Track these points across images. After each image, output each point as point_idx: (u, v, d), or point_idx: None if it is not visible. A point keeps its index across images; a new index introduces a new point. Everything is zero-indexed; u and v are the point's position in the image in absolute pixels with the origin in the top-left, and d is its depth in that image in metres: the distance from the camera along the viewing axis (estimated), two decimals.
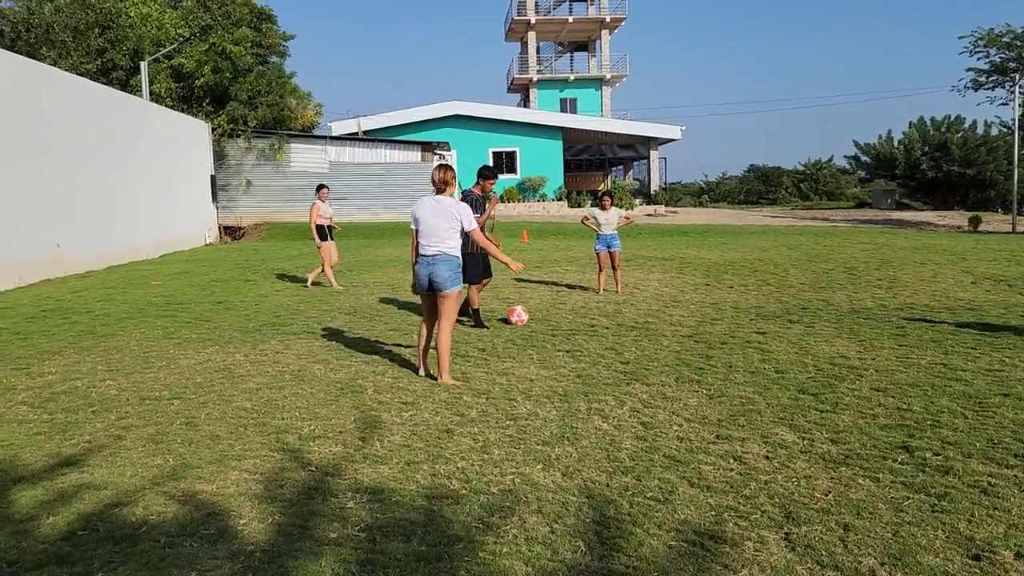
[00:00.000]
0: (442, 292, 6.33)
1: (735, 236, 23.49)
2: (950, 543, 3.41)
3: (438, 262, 6.30)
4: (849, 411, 5.37)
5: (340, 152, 29.79)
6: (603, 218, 11.57)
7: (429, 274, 6.34)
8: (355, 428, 5.15)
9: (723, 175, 59.61)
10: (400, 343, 7.96)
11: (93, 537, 3.56)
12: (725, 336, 8.11)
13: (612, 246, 11.51)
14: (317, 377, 6.56)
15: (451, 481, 4.20)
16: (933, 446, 4.62)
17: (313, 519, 3.72)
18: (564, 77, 45.63)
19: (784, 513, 3.74)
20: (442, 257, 6.31)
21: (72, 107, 16.41)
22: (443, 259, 6.31)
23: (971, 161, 40.94)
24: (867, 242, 20.78)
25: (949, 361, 6.80)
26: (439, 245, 6.31)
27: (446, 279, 6.30)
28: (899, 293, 11.08)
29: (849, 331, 8.28)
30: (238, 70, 26.16)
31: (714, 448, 4.68)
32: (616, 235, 11.57)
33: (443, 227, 6.30)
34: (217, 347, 7.88)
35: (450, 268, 6.32)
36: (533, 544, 3.45)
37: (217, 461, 4.53)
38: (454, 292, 6.35)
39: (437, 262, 6.30)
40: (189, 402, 5.82)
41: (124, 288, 13.01)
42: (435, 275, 6.31)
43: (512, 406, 5.62)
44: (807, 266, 14.71)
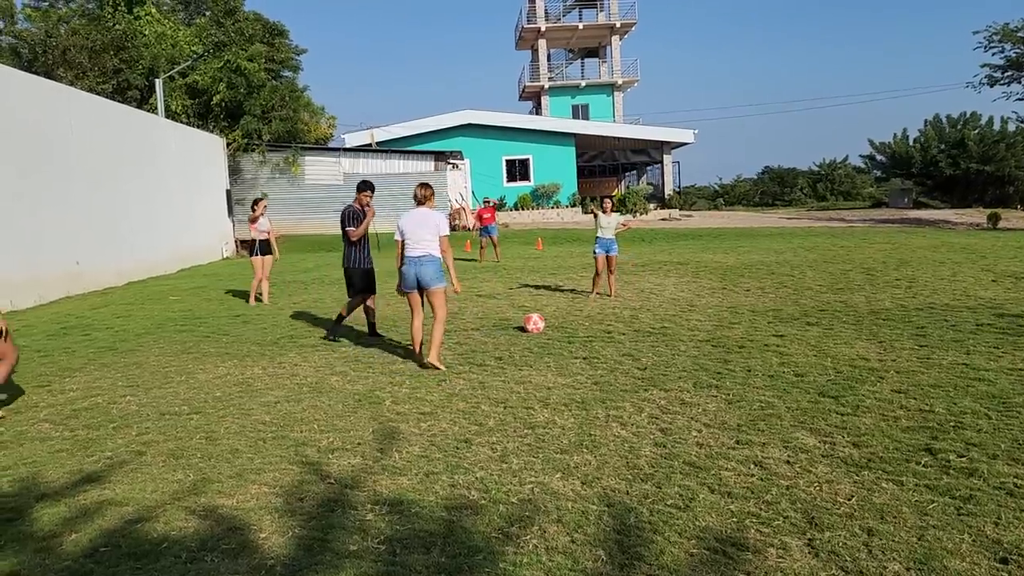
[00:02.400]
0: (430, 289, 7.29)
1: (751, 239, 23.37)
2: (977, 547, 3.36)
3: (425, 263, 7.25)
4: (870, 414, 5.31)
5: (354, 164, 29.94)
6: (603, 221, 11.66)
7: (416, 273, 7.29)
8: (373, 440, 5.16)
9: (737, 178, 59.47)
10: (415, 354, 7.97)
11: (115, 553, 3.58)
12: (743, 340, 8.06)
13: (610, 251, 11.64)
14: (335, 389, 6.58)
15: (470, 491, 4.19)
16: (957, 448, 4.57)
17: (333, 532, 3.72)
18: (575, 84, 45.65)
19: (807, 519, 3.70)
20: (428, 258, 7.26)
21: (90, 126, 16.59)
22: (429, 260, 7.26)
23: (989, 158, 40.60)
24: (884, 242, 20.61)
25: (971, 361, 6.72)
26: (426, 248, 7.26)
27: (432, 277, 7.26)
28: (918, 293, 10.98)
29: (868, 332, 8.20)
30: (252, 86, 26.38)
31: (734, 454, 4.65)
32: (614, 240, 11.70)
33: (426, 235, 7.26)
34: (235, 361, 7.93)
35: (435, 267, 7.26)
36: (553, 554, 3.44)
37: (237, 475, 4.55)
38: (440, 288, 7.28)
39: (424, 263, 7.25)
40: (208, 416, 5.85)
41: (143, 304, 13.11)
42: (422, 274, 7.26)
43: (530, 415, 5.60)
44: (824, 267, 14.61)
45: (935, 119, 45.12)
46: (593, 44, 47.66)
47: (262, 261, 12.39)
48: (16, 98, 13.94)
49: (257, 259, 12.38)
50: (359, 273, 8.97)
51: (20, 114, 13.98)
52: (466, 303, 11.53)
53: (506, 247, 22.09)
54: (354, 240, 8.87)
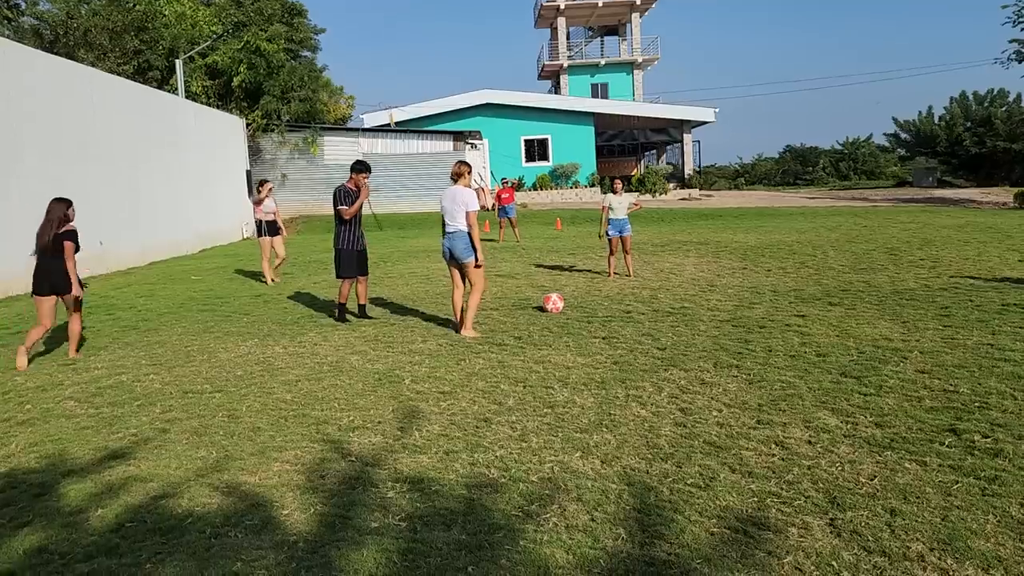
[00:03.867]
0: (462, 262, 7.73)
1: (772, 218, 23.16)
2: (1001, 527, 3.32)
3: (456, 238, 7.72)
4: (894, 394, 5.27)
5: (373, 144, 29.94)
6: (615, 202, 11.69)
7: (450, 247, 7.78)
8: (394, 418, 5.18)
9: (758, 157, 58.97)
10: (436, 333, 7.99)
11: (141, 529, 3.63)
12: (764, 320, 8.00)
13: (624, 231, 11.68)
14: (355, 368, 6.61)
15: (490, 470, 4.20)
16: (982, 428, 4.51)
17: (354, 509, 3.75)
18: (595, 62, 45.27)
19: (828, 498, 3.68)
20: (459, 234, 7.70)
21: (112, 107, 16.69)
22: (459, 235, 7.70)
23: (1017, 136, 39.83)
24: (908, 221, 20.35)
25: (996, 341, 6.64)
26: (456, 224, 7.69)
27: (462, 251, 7.70)
28: (943, 273, 10.84)
29: (892, 312, 8.12)
30: (272, 66, 26.38)
31: (755, 433, 4.62)
32: (627, 220, 11.75)
33: (456, 210, 7.68)
34: (256, 340, 7.98)
35: (465, 242, 7.68)
36: (574, 532, 3.44)
37: (259, 453, 4.59)
38: (470, 261, 7.70)
39: (455, 238, 7.73)
40: (230, 395, 5.91)
41: (165, 283, 13.23)
42: (454, 248, 7.75)
43: (549, 394, 5.61)
44: (847, 247, 14.46)
45: (961, 96, 44.33)
46: (613, 22, 47.19)
47: (270, 241, 12.64)
48: (39, 80, 14.04)
49: (265, 240, 12.65)
50: (350, 254, 8.77)
51: (42, 96, 14.09)
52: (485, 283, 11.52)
53: (525, 227, 22.04)
54: (347, 219, 8.67)
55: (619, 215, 11.67)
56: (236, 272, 14.62)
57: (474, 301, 7.80)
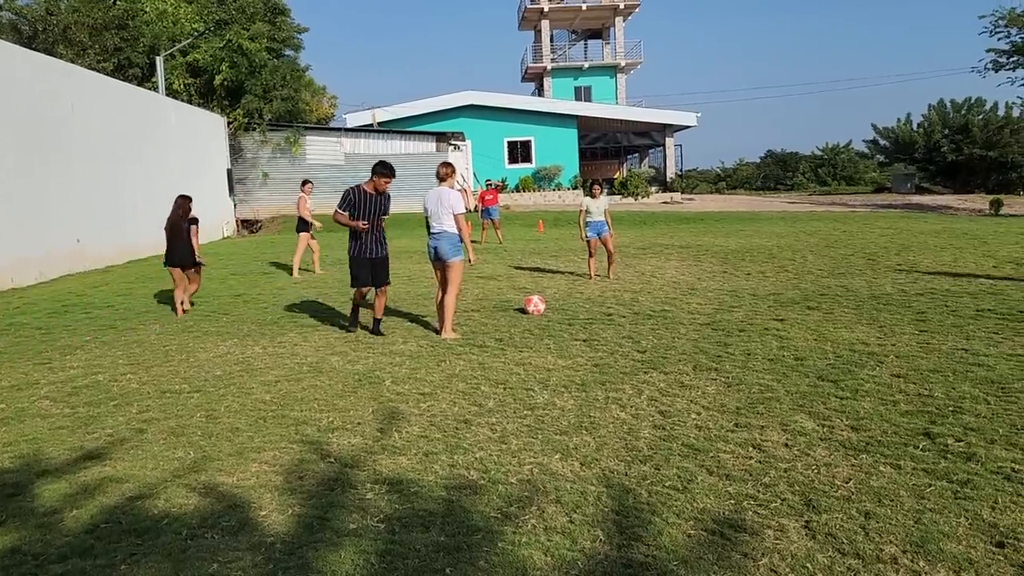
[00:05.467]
0: (446, 262, 7.77)
1: (752, 223, 23.32)
2: (973, 530, 3.37)
3: (441, 238, 7.77)
4: (869, 398, 5.32)
5: (355, 144, 29.84)
6: (593, 206, 11.83)
7: (435, 247, 7.83)
8: (373, 419, 5.17)
9: (740, 161, 59.18)
10: (417, 335, 7.98)
11: (116, 530, 3.60)
12: (743, 323, 8.06)
13: (602, 232, 11.80)
14: (335, 369, 6.59)
15: (470, 472, 4.20)
16: (955, 432, 4.58)
17: (333, 510, 3.74)
18: (578, 65, 45.37)
19: (804, 501, 3.72)
20: (445, 235, 7.75)
21: (91, 104, 16.52)
22: (445, 236, 7.75)
23: (993, 143, 40.36)
24: (886, 227, 20.57)
25: (971, 346, 6.73)
26: (442, 225, 7.75)
27: (448, 251, 7.75)
28: (919, 278, 10.97)
29: (869, 317, 8.20)
30: (254, 65, 26.22)
31: (733, 436, 4.66)
32: (604, 222, 11.84)
33: (443, 212, 7.74)
34: (236, 340, 7.94)
35: (451, 243, 7.74)
36: (552, 534, 3.45)
37: (237, 453, 4.57)
38: (456, 262, 7.77)
39: (441, 238, 7.78)
40: (209, 395, 5.87)
41: (144, 282, 13.11)
42: (440, 248, 7.79)
43: (530, 396, 5.62)
44: (826, 252, 14.59)
45: (939, 104, 44.82)
46: (596, 25, 47.32)
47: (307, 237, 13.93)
48: (17, 75, 13.87)
49: (306, 235, 13.96)
50: (359, 263, 7.95)
51: (21, 91, 13.92)
52: (467, 284, 11.52)
53: (507, 229, 22.05)
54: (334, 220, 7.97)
55: (596, 218, 11.80)
56: (216, 271, 14.51)
57: (450, 301, 7.76)
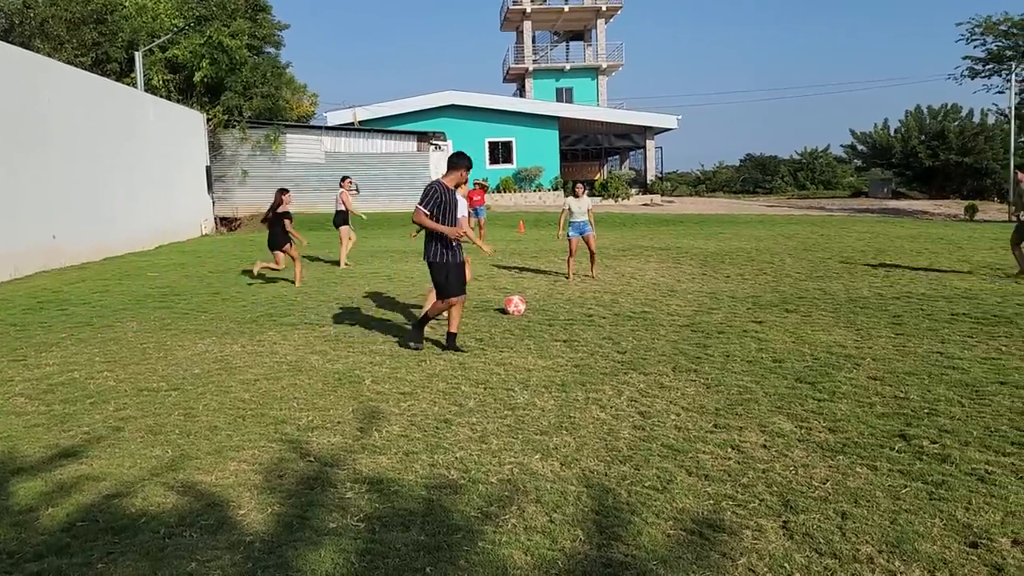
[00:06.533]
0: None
1: (732, 225, 23.48)
2: (947, 531, 3.42)
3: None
4: (846, 400, 5.38)
5: (336, 143, 29.69)
6: (576, 206, 11.96)
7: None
8: (353, 418, 5.16)
9: (719, 164, 59.70)
10: (397, 334, 7.96)
11: (93, 528, 3.56)
12: (722, 325, 8.12)
13: (584, 231, 11.91)
14: (315, 368, 6.56)
15: (450, 471, 4.20)
16: (930, 434, 4.64)
17: (312, 509, 3.72)
18: (560, 67, 45.45)
19: (782, 502, 3.75)
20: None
21: (68, 98, 16.32)
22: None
23: (968, 150, 40.94)
24: (864, 231, 20.79)
25: (946, 350, 6.82)
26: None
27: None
28: (896, 282, 11.10)
29: (846, 320, 8.29)
30: (234, 62, 26.03)
31: (712, 437, 4.69)
32: (587, 222, 11.95)
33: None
34: (214, 338, 7.88)
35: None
36: (532, 533, 3.46)
37: (216, 452, 4.54)
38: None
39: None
40: (187, 393, 5.82)
41: (121, 279, 12.98)
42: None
43: (510, 396, 5.62)
44: (804, 255, 14.72)
45: (916, 110, 45.39)
46: (578, 27, 47.44)
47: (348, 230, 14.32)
48: None
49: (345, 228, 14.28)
50: (451, 269, 7.10)
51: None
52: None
53: (488, 229, 22.03)
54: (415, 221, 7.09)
55: (579, 218, 11.89)
56: (194, 269, 14.40)
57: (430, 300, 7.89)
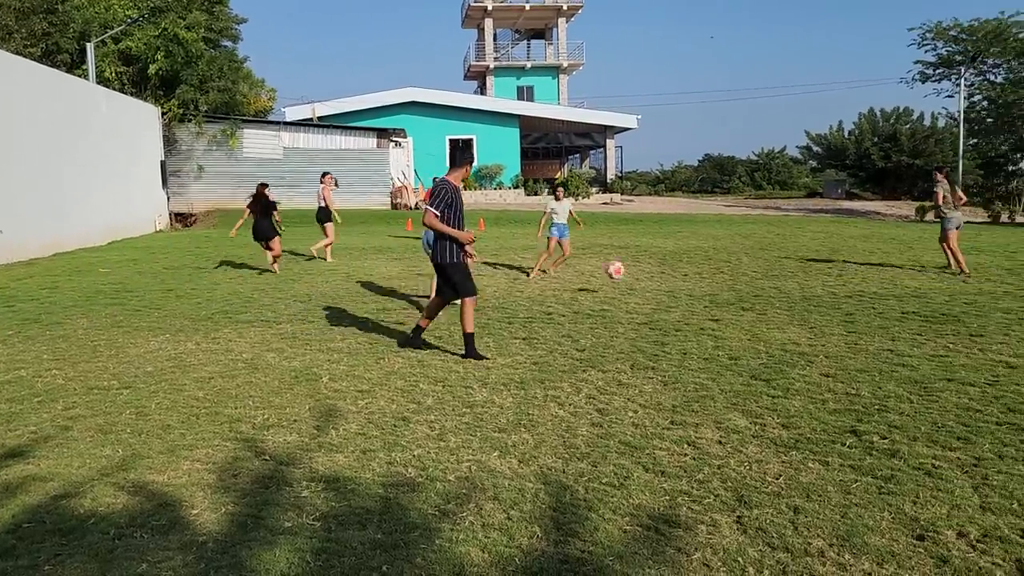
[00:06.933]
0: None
1: (690, 224, 23.74)
2: (896, 524, 3.50)
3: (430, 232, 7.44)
4: (800, 396, 5.48)
5: (294, 138, 29.36)
6: (559, 208, 11.92)
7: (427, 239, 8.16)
8: (310, 416, 5.10)
9: (678, 164, 60.27)
10: (356, 331, 7.90)
11: (40, 529, 3.48)
12: (680, 323, 8.20)
13: (564, 235, 11.94)
14: (271, 365, 6.48)
15: (407, 469, 4.18)
16: (880, 430, 4.74)
17: (267, 508, 3.68)
18: (521, 65, 45.51)
19: (736, 497, 3.81)
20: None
21: (17, 90, 15.88)
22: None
23: (919, 152, 41.93)
24: (818, 231, 21.17)
25: (896, 347, 6.98)
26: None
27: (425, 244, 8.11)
28: (848, 281, 11.32)
29: (800, 318, 8.43)
30: (190, 55, 25.57)
31: (668, 434, 4.74)
32: (567, 225, 11.99)
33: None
34: (168, 336, 7.73)
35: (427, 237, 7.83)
36: (490, 531, 3.46)
37: (168, 451, 4.45)
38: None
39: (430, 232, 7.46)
40: (139, 391, 5.71)
41: (71, 275, 12.67)
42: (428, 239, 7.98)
43: (468, 393, 5.62)
44: (760, 254, 14.94)
45: (869, 113, 46.33)
46: (540, 25, 47.53)
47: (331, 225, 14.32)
48: None
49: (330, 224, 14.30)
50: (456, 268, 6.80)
51: None
52: (406, 281, 11.46)
53: None
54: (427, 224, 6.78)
55: (561, 219, 11.94)
56: (148, 265, 14.11)
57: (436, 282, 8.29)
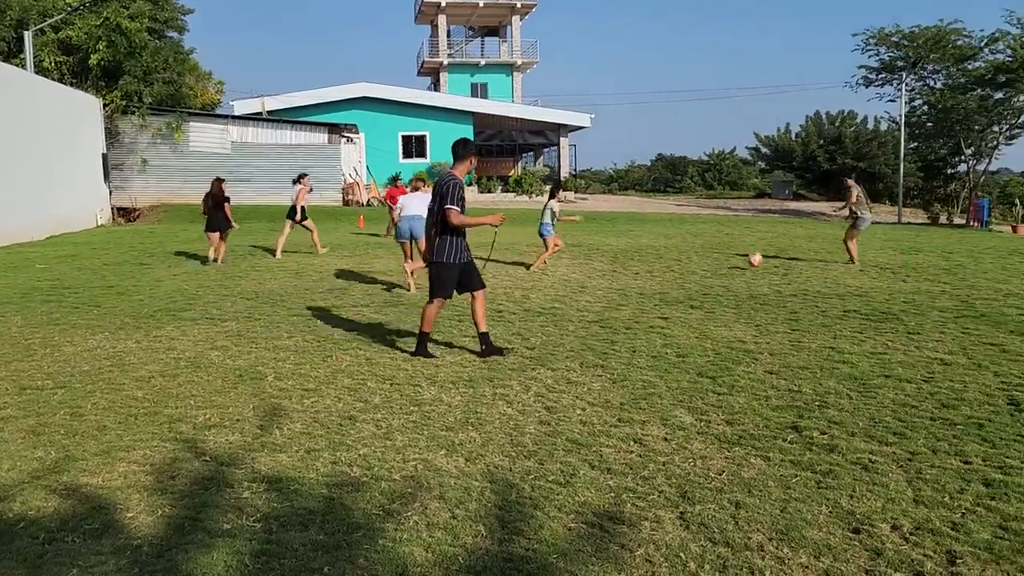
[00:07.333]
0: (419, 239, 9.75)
1: (641, 223, 23.96)
2: (833, 518, 3.57)
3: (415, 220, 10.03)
4: (744, 393, 5.56)
5: (243, 132, 28.83)
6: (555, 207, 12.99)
7: (411, 228, 10.34)
8: (254, 416, 5.01)
9: (631, 163, 60.78)
10: (303, 328, 7.79)
11: None
12: (630, 321, 8.26)
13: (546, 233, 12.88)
14: (214, 364, 6.35)
15: (352, 468, 4.13)
16: (820, 426, 4.84)
17: (206, 510, 3.59)
18: (475, 62, 45.39)
19: (680, 493, 3.84)
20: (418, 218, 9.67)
21: None
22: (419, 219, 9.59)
23: (863, 155, 42.91)
24: (766, 231, 21.55)
25: (837, 345, 7.13)
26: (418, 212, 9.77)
27: (419, 231, 9.63)
28: (794, 280, 11.54)
29: (747, 316, 8.56)
30: (134, 46, 24.93)
31: (616, 431, 4.77)
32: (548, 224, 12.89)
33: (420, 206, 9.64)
34: (107, 334, 7.53)
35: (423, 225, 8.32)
36: (434, 530, 3.44)
37: (104, 453, 4.33)
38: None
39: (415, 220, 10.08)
40: (75, 391, 5.54)
41: (5, 272, 12.25)
42: (414, 229, 10.19)
43: (417, 392, 5.57)
44: (709, 253, 15.14)
45: (816, 115, 47.24)
46: (494, 23, 47.48)
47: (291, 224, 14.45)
48: None
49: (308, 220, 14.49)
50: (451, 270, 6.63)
51: None
52: (356, 279, 11.34)
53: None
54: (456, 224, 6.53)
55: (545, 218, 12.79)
56: (88, 261, 13.72)
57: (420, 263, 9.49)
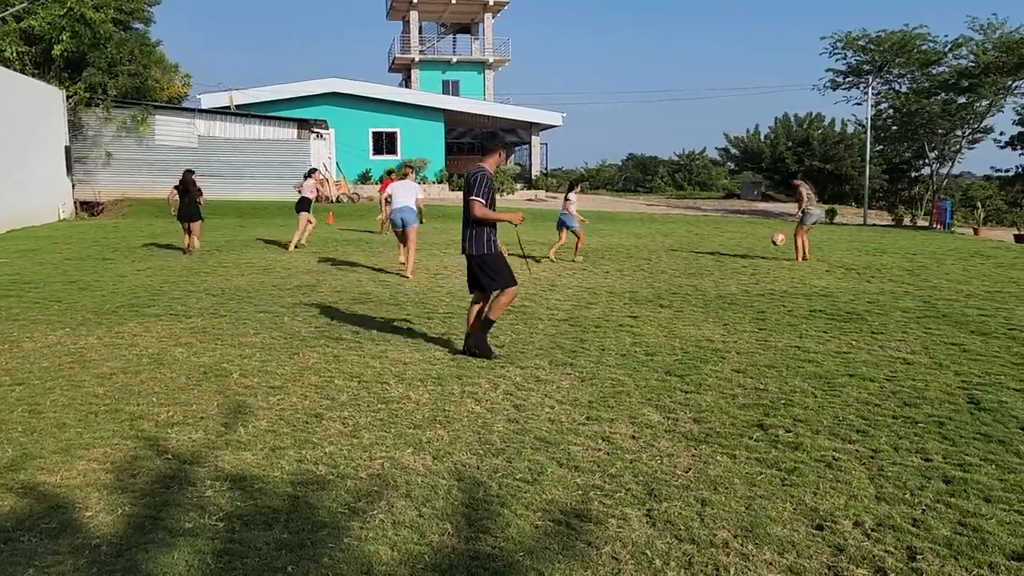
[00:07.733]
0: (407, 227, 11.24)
1: (612, 223, 24.05)
2: (797, 514, 3.60)
3: (405, 211, 11.28)
4: (711, 391, 5.60)
5: (210, 126, 28.46)
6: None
7: (402, 217, 11.24)
8: (218, 413, 4.94)
9: (603, 163, 60.93)
10: (270, 325, 7.70)
11: None
12: (599, 320, 8.28)
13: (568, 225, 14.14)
14: (179, 361, 6.25)
15: (318, 467, 4.09)
16: (785, 424, 4.88)
17: (167, 509, 3.53)
18: (447, 59, 45.23)
19: (647, 490, 3.85)
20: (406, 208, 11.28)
21: None
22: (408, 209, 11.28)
23: (830, 157, 43.51)
24: (734, 231, 21.75)
25: (803, 344, 7.20)
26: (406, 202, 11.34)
27: (409, 219, 11.24)
28: (761, 280, 11.65)
29: (715, 315, 8.63)
30: (98, 37, 24.49)
31: (584, 429, 4.77)
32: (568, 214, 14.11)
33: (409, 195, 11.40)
34: (68, 329, 7.38)
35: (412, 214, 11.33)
36: (400, 528, 3.41)
37: (63, 450, 4.24)
38: (413, 227, 11.30)
39: (404, 211, 11.28)
40: (33, 388, 5.42)
41: None
42: (405, 218, 11.25)
43: (384, 389, 5.54)
44: (679, 253, 15.25)
45: (784, 118, 47.80)
46: (466, 20, 47.34)
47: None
48: None
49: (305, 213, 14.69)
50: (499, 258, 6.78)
51: None
52: (325, 276, 11.25)
53: (371, 221, 21.70)
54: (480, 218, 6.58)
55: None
56: (49, 256, 13.45)
57: (412, 254, 11.31)
